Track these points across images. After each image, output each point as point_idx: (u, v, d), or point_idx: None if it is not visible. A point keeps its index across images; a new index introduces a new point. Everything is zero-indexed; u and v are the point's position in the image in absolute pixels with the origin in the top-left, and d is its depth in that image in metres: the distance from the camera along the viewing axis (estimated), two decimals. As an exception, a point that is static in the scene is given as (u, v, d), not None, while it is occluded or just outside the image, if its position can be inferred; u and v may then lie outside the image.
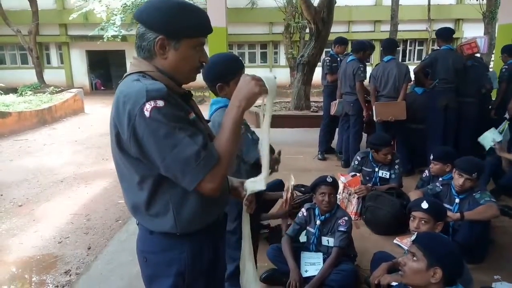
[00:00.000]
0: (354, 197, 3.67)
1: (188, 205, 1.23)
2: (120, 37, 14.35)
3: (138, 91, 1.11)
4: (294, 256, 2.56)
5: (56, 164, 6.19)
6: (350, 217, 2.74)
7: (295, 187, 3.54)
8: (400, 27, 14.35)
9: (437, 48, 5.12)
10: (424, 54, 17.39)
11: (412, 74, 4.86)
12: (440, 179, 3.26)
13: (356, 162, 3.98)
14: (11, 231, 3.84)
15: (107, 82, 19.68)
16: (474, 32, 14.06)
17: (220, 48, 5.95)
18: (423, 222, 2.27)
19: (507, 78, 4.94)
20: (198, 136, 1.14)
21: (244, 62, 2.01)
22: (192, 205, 1.23)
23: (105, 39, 14.39)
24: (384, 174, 3.78)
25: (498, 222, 3.35)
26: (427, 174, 3.60)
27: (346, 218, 2.62)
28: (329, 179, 2.65)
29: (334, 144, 5.87)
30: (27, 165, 6.14)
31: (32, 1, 14.29)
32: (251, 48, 19.10)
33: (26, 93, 12.46)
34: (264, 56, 19.24)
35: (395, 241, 3.17)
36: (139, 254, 1.35)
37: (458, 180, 2.86)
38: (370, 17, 17.95)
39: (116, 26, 13.98)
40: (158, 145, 1.10)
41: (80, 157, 6.67)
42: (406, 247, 2.87)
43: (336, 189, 2.72)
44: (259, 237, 2.77)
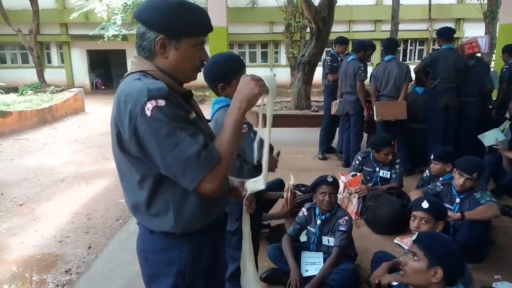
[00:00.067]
0: (354, 196, 3.67)
1: (188, 205, 1.23)
2: (120, 36, 14.37)
3: (140, 90, 1.11)
4: (294, 255, 2.56)
5: (56, 163, 6.19)
6: (351, 216, 2.74)
7: (296, 187, 3.54)
8: (400, 27, 14.36)
9: (437, 47, 5.11)
10: (424, 53, 17.37)
11: (412, 74, 4.85)
12: (440, 179, 3.26)
13: (357, 161, 3.98)
14: (12, 230, 3.84)
15: (108, 81, 19.70)
16: (475, 31, 14.05)
17: (220, 47, 5.95)
18: (424, 221, 2.27)
19: (508, 78, 4.93)
20: (199, 136, 1.14)
21: (244, 62, 2.00)
22: (192, 205, 1.23)
23: (105, 39, 14.42)
24: (385, 174, 3.78)
25: (498, 222, 3.35)
26: (428, 174, 3.60)
27: (346, 217, 2.62)
28: (329, 179, 2.65)
29: (334, 143, 5.87)
30: (28, 164, 6.15)
31: (32, 0, 14.31)
32: (252, 47, 19.10)
33: (27, 92, 12.48)
34: (264, 55, 19.25)
35: (396, 240, 3.17)
36: (139, 254, 1.35)
37: (458, 180, 2.86)
38: (371, 16, 17.95)
39: (116, 26, 14.01)
40: (159, 144, 1.10)
41: (80, 156, 6.67)
42: (406, 247, 2.87)
43: (336, 188, 2.72)
44: (260, 236, 2.77)
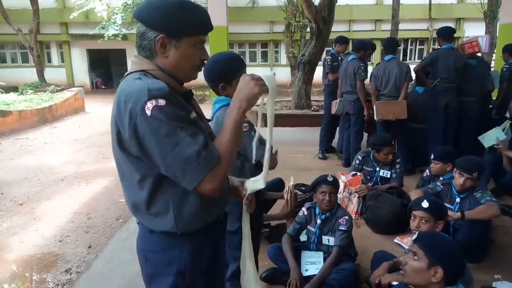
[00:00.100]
0: (354, 196, 3.67)
1: (188, 204, 1.23)
2: (120, 36, 14.38)
3: (140, 90, 1.11)
4: (294, 255, 2.55)
5: (56, 162, 6.19)
6: (351, 216, 2.73)
7: (296, 186, 3.53)
8: (401, 26, 14.36)
9: (438, 47, 5.10)
10: (425, 53, 17.38)
11: (413, 74, 4.85)
12: (440, 179, 3.26)
13: (357, 161, 3.98)
14: (12, 230, 3.84)
15: (108, 81, 19.71)
16: (475, 31, 14.06)
17: (221, 47, 5.95)
18: (424, 221, 2.27)
19: (508, 77, 4.93)
20: (199, 135, 1.14)
21: (245, 61, 2.00)
22: (192, 204, 1.23)
23: (105, 38, 14.42)
24: (385, 173, 3.78)
25: (498, 221, 3.35)
26: (428, 174, 3.60)
27: (346, 217, 2.61)
28: (329, 178, 2.65)
29: (334, 143, 5.87)
30: (28, 163, 6.14)
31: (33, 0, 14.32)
32: (252, 47, 19.10)
33: (27, 91, 12.48)
34: (265, 55, 19.25)
35: (396, 240, 3.17)
36: (139, 253, 1.35)
37: (458, 179, 2.86)
38: (371, 16, 17.95)
39: (116, 25, 14.02)
40: (159, 144, 1.10)
41: (80, 155, 6.67)
42: (406, 246, 2.88)
43: (336, 188, 2.72)
44: (260, 236, 2.77)
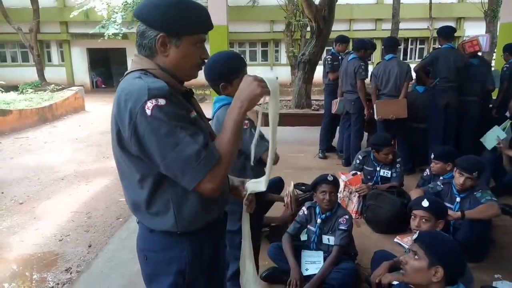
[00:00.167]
0: (355, 195, 3.67)
1: (188, 204, 1.23)
2: (121, 35, 14.37)
3: (140, 89, 1.10)
4: (294, 254, 2.55)
5: (56, 162, 6.19)
6: (351, 215, 2.73)
7: (296, 186, 3.53)
8: (401, 26, 14.36)
9: (438, 46, 5.10)
10: (425, 52, 17.38)
11: (413, 73, 4.84)
12: (441, 178, 3.26)
13: (357, 161, 3.97)
14: (12, 229, 3.85)
15: (108, 80, 19.71)
16: (475, 30, 14.07)
17: (221, 46, 5.94)
18: (424, 220, 2.27)
19: (508, 77, 4.92)
20: (199, 135, 1.13)
21: (245, 60, 1.99)
22: (192, 204, 1.23)
23: (105, 37, 14.42)
24: (385, 173, 3.77)
25: (499, 221, 3.35)
26: (428, 173, 3.59)
27: (346, 216, 2.61)
28: (330, 178, 2.65)
29: (335, 142, 5.86)
30: (28, 163, 6.15)
31: (33, -1, 14.32)
32: (252, 46, 19.10)
33: (27, 91, 12.49)
34: (265, 54, 19.25)
35: (396, 239, 3.17)
36: (139, 252, 1.35)
37: (458, 179, 2.86)
38: (371, 15, 17.94)
39: (117, 24, 14.00)
40: (159, 143, 1.10)
41: (80, 155, 6.67)
42: (406, 246, 2.88)
43: (337, 187, 2.72)
44: (261, 236, 2.77)
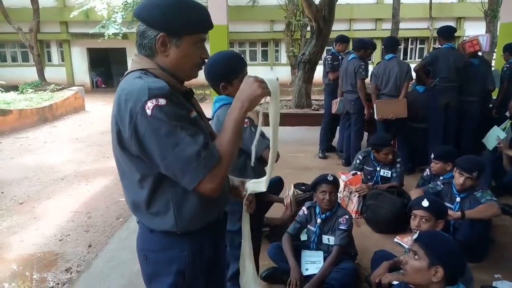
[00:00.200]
0: (355, 195, 3.66)
1: (188, 204, 1.23)
2: (121, 35, 14.37)
3: (140, 89, 1.10)
4: (294, 254, 2.55)
5: (56, 162, 6.19)
6: (351, 215, 2.73)
7: (296, 186, 3.53)
8: (401, 25, 14.35)
9: (438, 46, 5.10)
10: (425, 52, 17.37)
11: (413, 73, 4.84)
12: (441, 178, 3.26)
13: (357, 161, 3.97)
14: (12, 229, 3.85)
15: (108, 80, 19.70)
16: (475, 30, 14.06)
17: (221, 46, 5.94)
18: (424, 220, 2.27)
19: (508, 76, 4.91)
20: (199, 135, 1.13)
21: (245, 60, 1.99)
22: (192, 204, 1.23)
23: (106, 37, 14.41)
24: (385, 173, 3.77)
25: (499, 221, 3.35)
26: (428, 173, 3.59)
27: (346, 216, 2.61)
28: (330, 178, 2.65)
29: (335, 142, 5.86)
30: (28, 163, 6.15)
31: (33, -2, 14.31)
32: (252, 46, 19.10)
33: (27, 90, 12.49)
34: (265, 54, 19.24)
35: (396, 239, 3.17)
36: (139, 252, 1.35)
37: (458, 179, 2.86)
38: (372, 15, 17.94)
39: (117, 24, 14.00)
40: (159, 143, 1.10)
41: (80, 155, 6.67)
42: (406, 246, 2.88)
43: (337, 187, 2.72)
44: (261, 236, 2.77)
